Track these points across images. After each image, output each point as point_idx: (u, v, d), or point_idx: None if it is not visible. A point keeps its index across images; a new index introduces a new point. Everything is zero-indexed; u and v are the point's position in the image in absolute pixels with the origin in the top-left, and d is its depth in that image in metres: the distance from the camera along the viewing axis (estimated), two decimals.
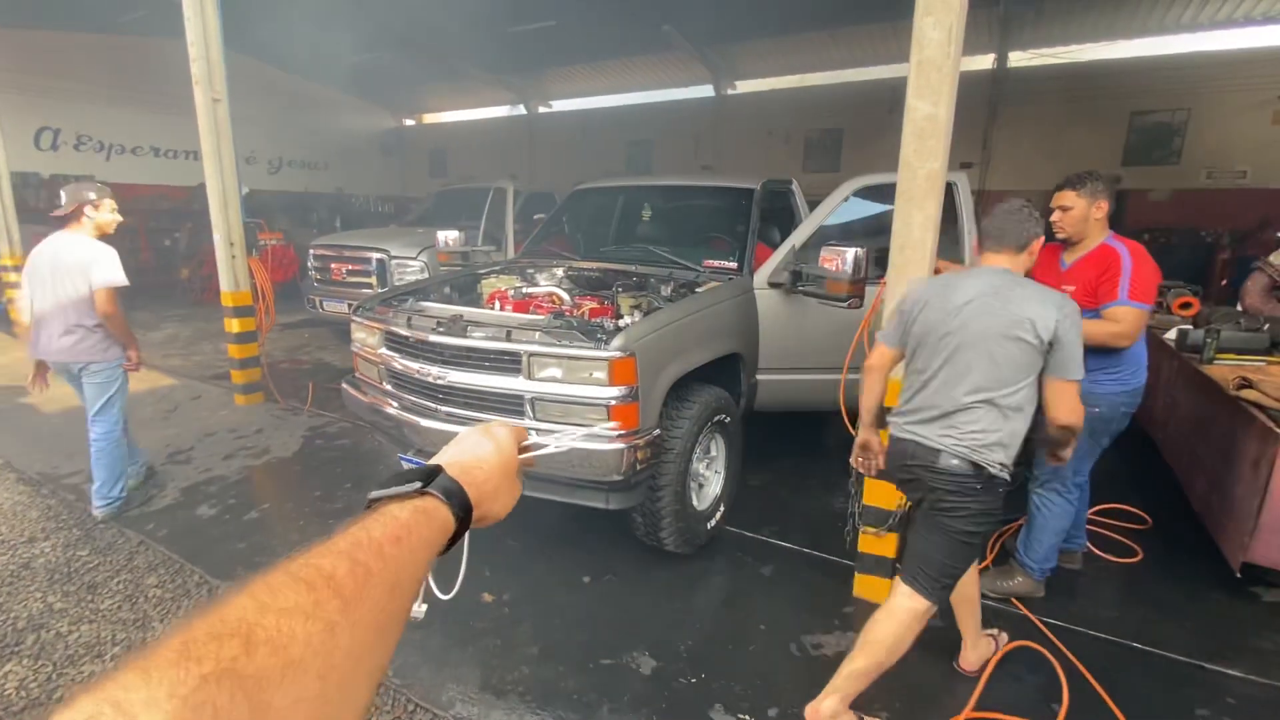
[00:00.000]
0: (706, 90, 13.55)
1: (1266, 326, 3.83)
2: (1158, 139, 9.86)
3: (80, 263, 3.19)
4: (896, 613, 1.98)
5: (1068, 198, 2.58)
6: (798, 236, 3.41)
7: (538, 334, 2.61)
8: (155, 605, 2.80)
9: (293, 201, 14.54)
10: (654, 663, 2.38)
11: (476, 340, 2.66)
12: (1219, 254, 9.10)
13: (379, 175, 17.69)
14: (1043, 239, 2.03)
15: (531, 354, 2.55)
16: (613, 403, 2.49)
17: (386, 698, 2.23)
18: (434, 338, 2.75)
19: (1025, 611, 2.68)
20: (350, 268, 6.52)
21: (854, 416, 2.72)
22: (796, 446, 4.46)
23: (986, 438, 1.88)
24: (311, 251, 6.90)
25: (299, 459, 4.33)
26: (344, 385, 3.33)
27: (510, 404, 2.66)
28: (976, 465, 1.88)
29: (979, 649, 2.34)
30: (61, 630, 2.61)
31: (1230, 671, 2.38)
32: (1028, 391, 1.89)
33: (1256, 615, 2.75)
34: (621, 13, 10.58)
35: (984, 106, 10.82)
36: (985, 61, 10.91)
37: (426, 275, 5.89)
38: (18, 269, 7.75)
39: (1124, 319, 2.42)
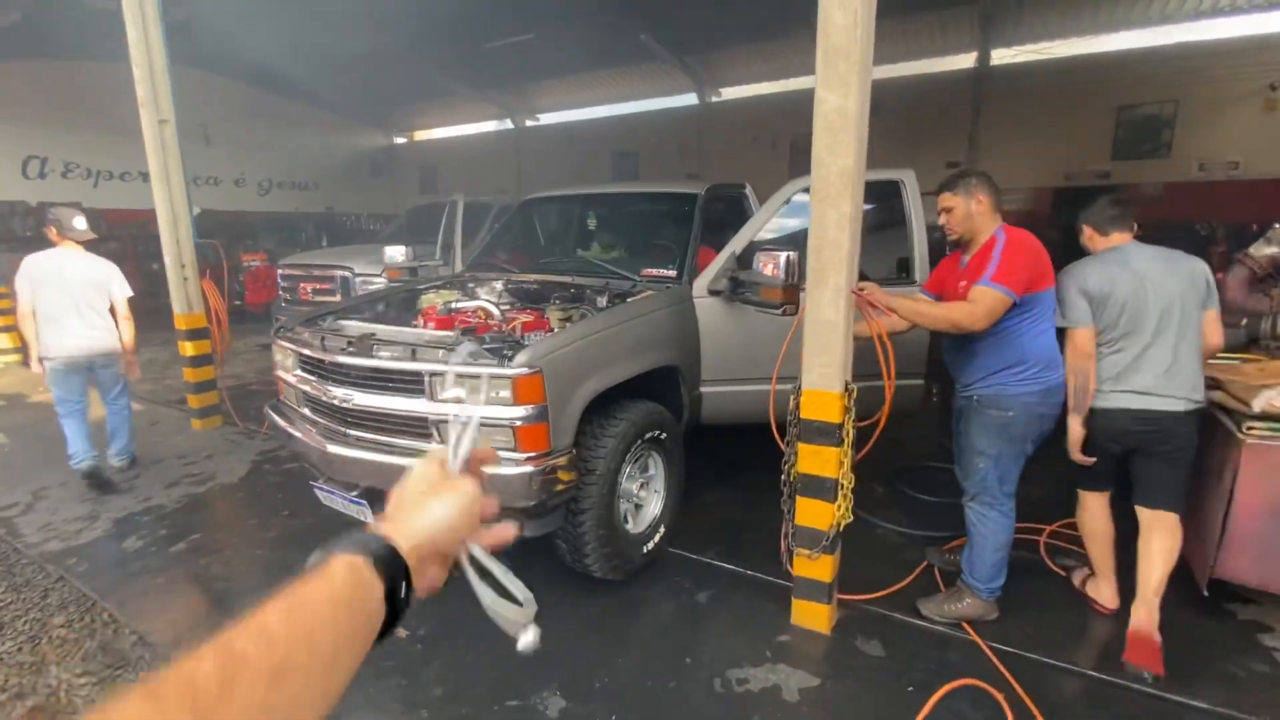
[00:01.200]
0: (691, 99, 13.49)
1: (1244, 322, 3.64)
2: (1147, 132, 9.65)
3: (100, 277, 4.06)
4: (1172, 531, 2.40)
5: (946, 199, 2.55)
6: (737, 242, 3.25)
7: (441, 351, 2.46)
8: (57, 647, 2.66)
9: (280, 222, 14.59)
10: (563, 703, 2.21)
11: (380, 360, 2.52)
12: (1214, 247, 8.84)
13: (370, 194, 17.73)
14: None
15: (432, 373, 2.40)
16: (519, 423, 2.33)
17: None
18: (338, 358, 2.61)
19: (974, 636, 2.48)
20: (316, 286, 6.43)
21: (782, 429, 2.56)
22: (759, 460, 4.28)
23: (1201, 378, 2.36)
24: (279, 271, 6.83)
25: (243, 485, 4.20)
26: (266, 409, 3.20)
27: (415, 427, 2.51)
28: (1198, 404, 2.33)
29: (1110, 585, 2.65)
30: None
31: (1194, 703, 2.18)
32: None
33: (1228, 636, 2.54)
34: (598, 24, 10.55)
35: (968, 105, 10.66)
36: (967, 60, 10.76)
37: None
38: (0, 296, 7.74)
39: (977, 299, 2.29)
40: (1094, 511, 2.59)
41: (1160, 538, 2.38)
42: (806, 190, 3.37)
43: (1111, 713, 2.17)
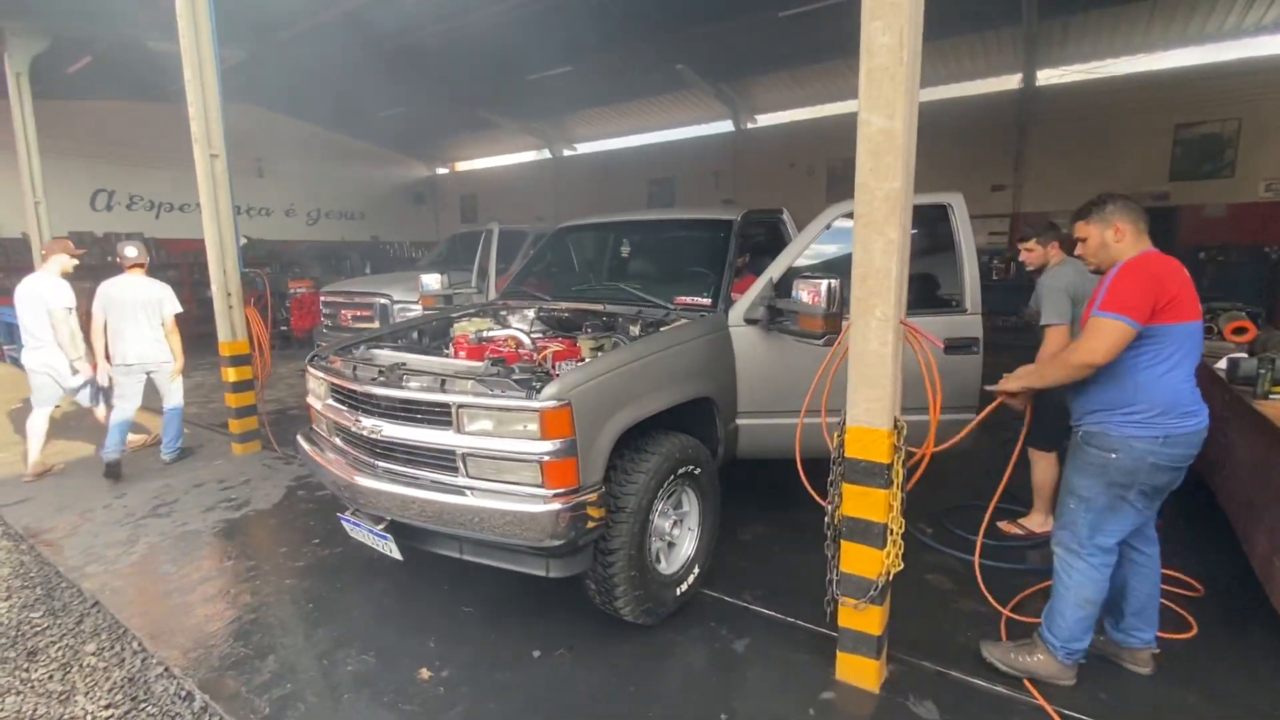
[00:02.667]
0: (726, 125, 13.52)
1: None
2: (1207, 151, 9.21)
3: (154, 296, 4.90)
4: None
5: (1080, 229, 2.32)
6: (775, 269, 3.14)
7: (471, 383, 2.41)
8: (86, 675, 2.65)
9: (327, 250, 15.09)
10: None
11: (408, 391, 2.48)
12: None
13: (413, 223, 18.26)
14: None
15: (460, 405, 2.34)
16: (546, 458, 2.24)
17: None
18: (367, 388, 2.58)
19: (1041, 701, 2.25)
20: (356, 313, 6.54)
21: (810, 467, 2.41)
22: (804, 493, 4.10)
23: None
24: (321, 299, 6.98)
25: (276, 512, 4.21)
26: (298, 438, 3.19)
27: (444, 460, 2.45)
28: None
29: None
30: None
31: None
32: None
33: None
34: (635, 55, 10.71)
35: (1013, 127, 10.39)
36: (1013, 81, 10.52)
37: None
38: None
39: (1090, 331, 2.08)
40: (1053, 462, 3.24)
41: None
42: (848, 215, 3.26)
43: None
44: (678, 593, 2.79)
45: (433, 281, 4.40)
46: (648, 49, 10.45)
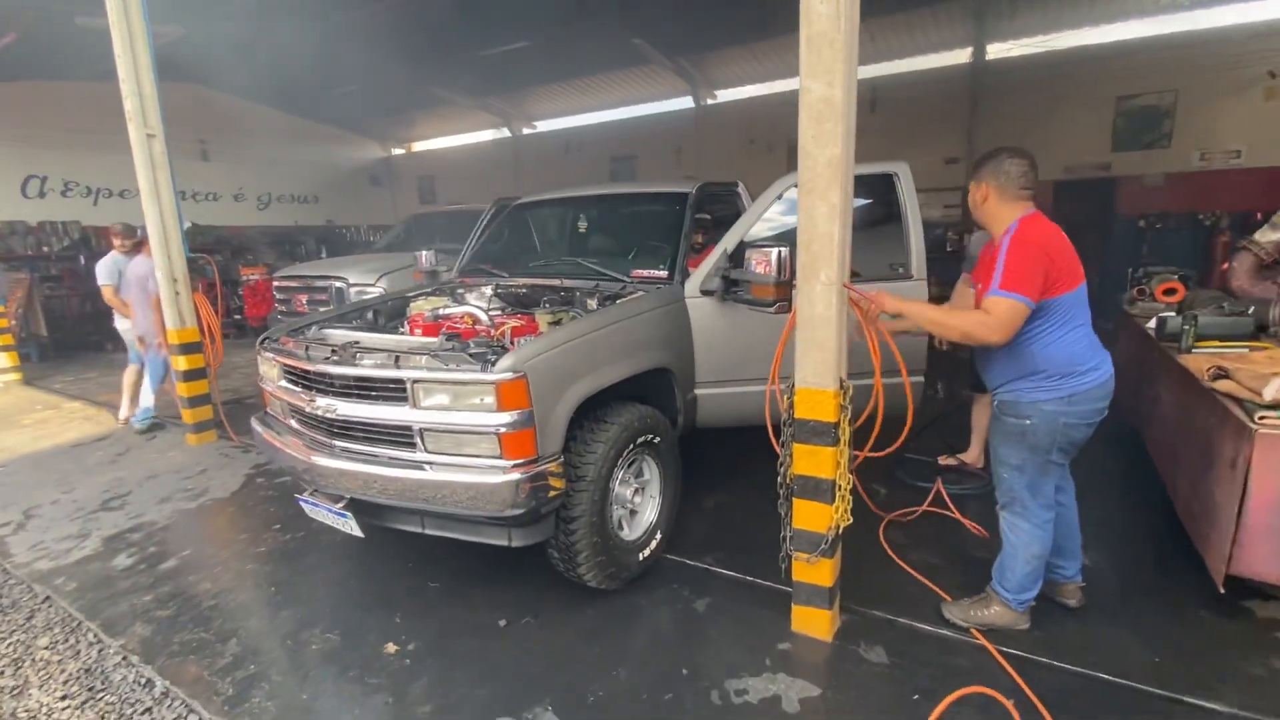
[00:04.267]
0: (686, 102, 13.45)
1: (1252, 310, 3.54)
2: (1147, 123, 9.53)
3: (144, 272, 5.22)
4: None
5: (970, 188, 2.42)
6: (729, 240, 3.19)
7: (425, 358, 2.40)
8: (39, 669, 2.60)
9: (280, 236, 14.61)
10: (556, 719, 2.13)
11: (363, 368, 2.46)
12: (1218, 237, 8.74)
13: (369, 205, 17.75)
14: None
15: (415, 380, 2.34)
16: (503, 430, 2.27)
17: None
18: (321, 366, 2.55)
19: (982, 641, 2.39)
20: (311, 297, 6.40)
21: (778, 429, 2.49)
22: (762, 460, 4.20)
23: None
24: (275, 284, 6.79)
25: (235, 499, 4.14)
26: (252, 422, 3.14)
27: (401, 436, 2.45)
28: None
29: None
30: None
31: (1212, 706, 2.08)
32: None
33: (1247, 635, 2.44)
34: (591, 30, 10.54)
35: (966, 100, 10.59)
36: (964, 55, 10.69)
37: None
38: None
39: (990, 309, 2.10)
40: (987, 403, 3.34)
41: None
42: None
43: (1130, 717, 2.07)
44: (640, 558, 2.86)
45: (432, 258, 4.33)
46: (604, 23, 10.29)
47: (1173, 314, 3.75)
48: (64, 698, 2.42)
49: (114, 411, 6.18)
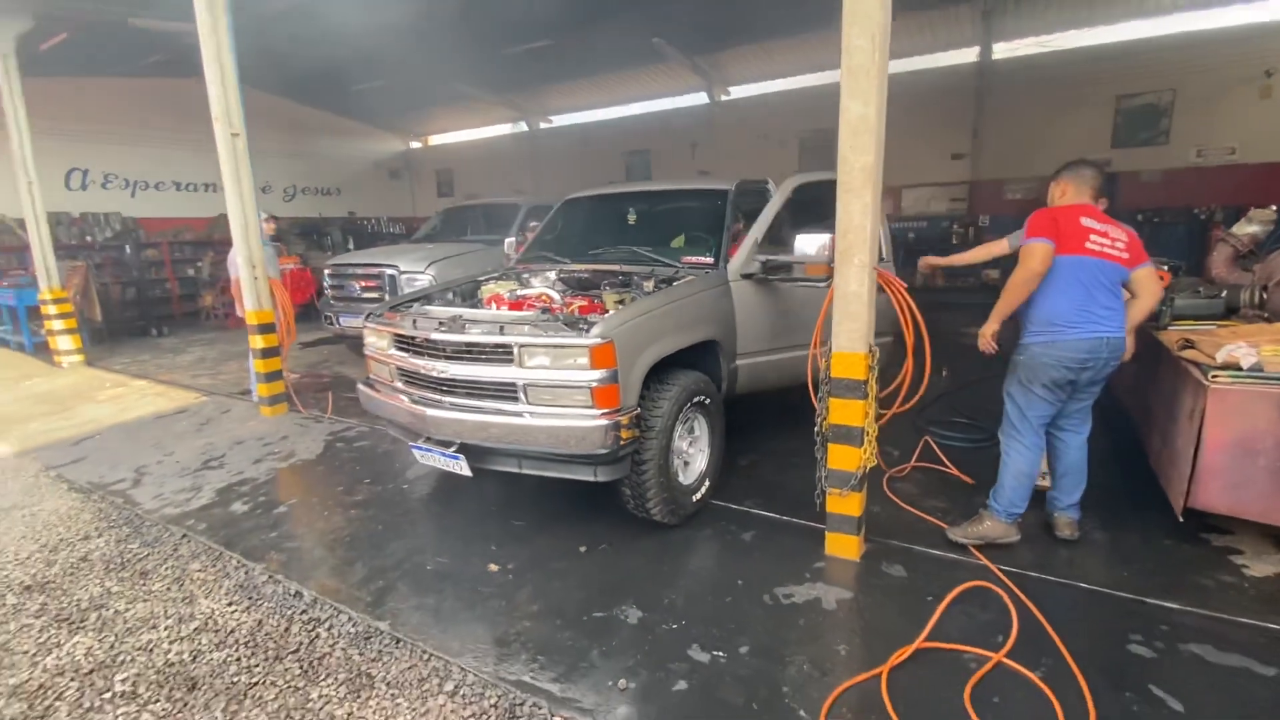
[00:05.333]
0: (701, 98, 13.88)
1: (1223, 294, 4.04)
2: (1145, 121, 9.98)
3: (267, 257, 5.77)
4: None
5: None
6: (757, 230, 3.72)
7: (527, 327, 2.92)
8: (199, 585, 3.14)
9: (308, 227, 15.13)
10: (640, 614, 2.66)
11: (474, 335, 2.98)
12: (1213, 230, 9.18)
13: (389, 198, 18.26)
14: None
15: (522, 345, 2.86)
16: (595, 384, 2.79)
17: (404, 649, 2.54)
18: (436, 335, 3.07)
19: (984, 560, 2.92)
20: (363, 283, 6.90)
21: (818, 386, 3.00)
22: (787, 430, 4.72)
23: None
24: (327, 270, 7.30)
25: (322, 460, 4.68)
26: (359, 386, 3.67)
27: (505, 391, 2.97)
28: None
29: None
30: (120, 608, 2.95)
31: (1168, 604, 2.60)
32: None
33: (1203, 557, 2.96)
34: (613, 29, 10.97)
35: (971, 99, 11.03)
36: (970, 54, 11.12)
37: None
38: (58, 301, 8.28)
39: (1022, 255, 2.80)
40: None
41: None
42: (804, 184, 3.90)
43: (1094, 613, 2.60)
44: (694, 499, 3.38)
45: (511, 246, 4.86)
46: (625, 23, 10.72)
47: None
48: (230, 604, 2.96)
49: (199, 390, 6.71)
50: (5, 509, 4.09)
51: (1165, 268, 5.32)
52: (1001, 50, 10.90)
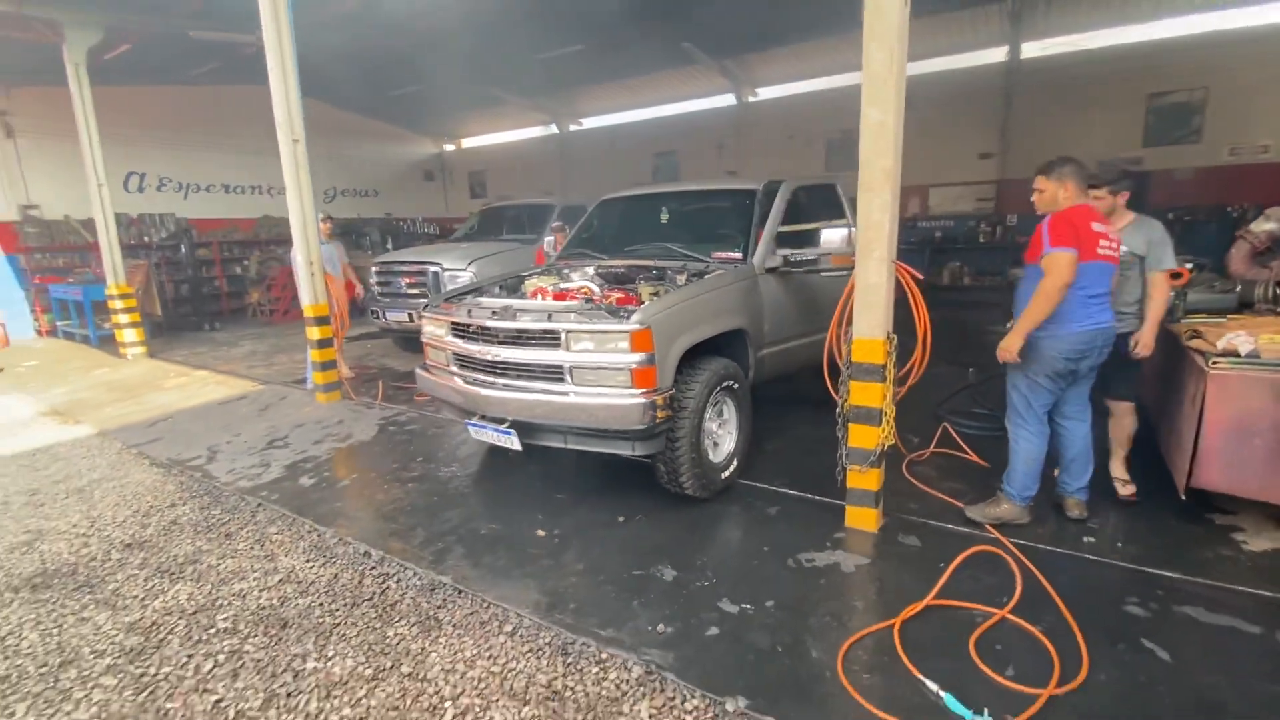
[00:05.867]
0: (728, 99, 14.11)
1: (1238, 289, 4.18)
2: (1177, 119, 9.94)
3: (328, 255, 6.58)
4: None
5: (1039, 182, 3.08)
6: (770, 229, 4.01)
7: (573, 315, 3.23)
8: (279, 545, 3.51)
9: (348, 227, 15.73)
10: (675, 573, 2.95)
11: (525, 323, 3.30)
12: (1244, 227, 9.13)
13: (423, 199, 18.84)
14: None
15: (569, 330, 3.17)
16: (634, 366, 3.08)
17: (465, 598, 2.86)
18: (490, 322, 3.40)
19: (993, 532, 3.14)
20: (409, 280, 7.31)
21: (834, 371, 3.25)
22: (811, 420, 4.96)
23: None
24: (373, 268, 7.73)
25: (377, 441, 5.06)
26: (418, 370, 4.02)
27: (552, 373, 3.28)
28: None
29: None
30: (212, 562, 3.34)
31: (1165, 573, 2.80)
32: None
33: (1205, 534, 3.14)
34: (644, 33, 11.27)
35: (1000, 98, 11.07)
36: (999, 54, 11.17)
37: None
38: (124, 297, 8.87)
39: (1050, 267, 2.83)
40: (1124, 412, 3.56)
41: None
42: (800, 189, 4.26)
43: (1094, 579, 2.80)
44: (723, 477, 3.66)
45: (550, 246, 5.23)
46: (657, 27, 11.01)
47: (1172, 293, 4.40)
48: (307, 561, 3.32)
49: (255, 379, 7.22)
50: (97, 480, 4.54)
51: (1187, 265, 5.46)
52: (1031, 49, 10.93)
